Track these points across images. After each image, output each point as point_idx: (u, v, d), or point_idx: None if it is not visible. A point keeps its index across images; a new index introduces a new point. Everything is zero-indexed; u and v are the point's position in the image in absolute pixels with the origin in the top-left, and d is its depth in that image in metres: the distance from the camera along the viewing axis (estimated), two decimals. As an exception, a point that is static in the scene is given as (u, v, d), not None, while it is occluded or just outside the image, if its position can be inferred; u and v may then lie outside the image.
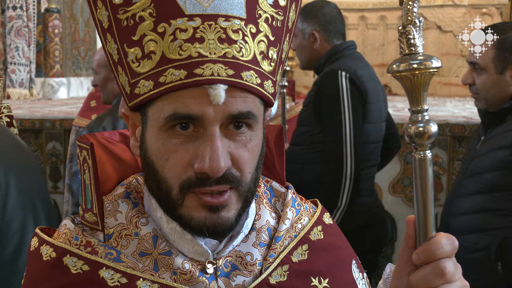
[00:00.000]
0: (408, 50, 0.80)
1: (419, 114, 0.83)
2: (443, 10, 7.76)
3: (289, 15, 0.88)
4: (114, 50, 0.84)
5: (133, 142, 0.91)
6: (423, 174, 0.84)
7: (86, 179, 0.92)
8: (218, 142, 0.79)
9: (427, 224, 0.85)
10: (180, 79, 0.78)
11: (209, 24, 0.78)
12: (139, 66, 0.81)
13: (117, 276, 0.83)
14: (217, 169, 0.79)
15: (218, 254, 0.89)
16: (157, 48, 0.79)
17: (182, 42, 0.78)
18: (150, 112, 0.83)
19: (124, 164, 0.97)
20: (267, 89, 0.84)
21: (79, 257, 0.84)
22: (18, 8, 6.30)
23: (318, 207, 1.05)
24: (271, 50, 0.85)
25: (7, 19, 6.19)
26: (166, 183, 0.83)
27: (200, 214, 0.83)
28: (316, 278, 0.92)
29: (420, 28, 0.80)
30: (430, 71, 0.80)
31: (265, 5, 0.83)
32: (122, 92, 0.87)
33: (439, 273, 0.81)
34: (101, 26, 0.85)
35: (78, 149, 0.93)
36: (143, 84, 0.81)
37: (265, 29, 0.83)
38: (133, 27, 0.80)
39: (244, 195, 0.85)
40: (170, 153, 0.81)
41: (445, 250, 0.83)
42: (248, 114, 0.81)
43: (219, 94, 0.78)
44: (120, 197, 0.91)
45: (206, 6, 0.79)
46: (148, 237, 0.87)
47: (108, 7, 0.82)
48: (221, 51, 0.78)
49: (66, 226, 0.90)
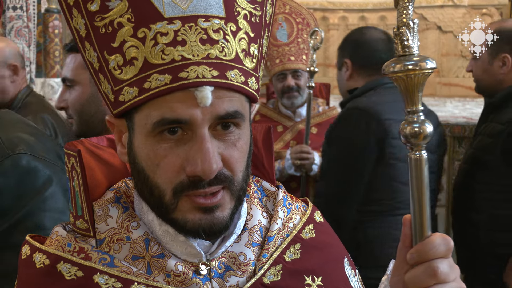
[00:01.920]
0: (402, 52, 0.81)
1: (415, 114, 0.83)
2: (443, 10, 7.74)
3: (266, 10, 0.88)
4: (94, 58, 0.83)
5: (120, 148, 0.91)
6: (419, 174, 0.85)
7: (76, 186, 0.91)
8: (208, 144, 0.79)
9: (422, 224, 0.85)
10: (165, 84, 0.78)
11: (189, 26, 0.78)
12: (122, 73, 0.80)
13: (111, 281, 0.83)
14: (210, 171, 0.79)
15: (211, 255, 0.89)
16: (138, 54, 0.78)
17: (164, 46, 0.78)
18: (137, 119, 0.82)
19: (113, 169, 0.97)
20: (251, 86, 0.85)
21: (73, 263, 0.84)
22: (18, 8, 6.30)
23: (309, 205, 1.05)
24: (252, 47, 0.85)
25: (7, 20, 6.19)
26: (158, 188, 0.83)
27: (194, 217, 0.83)
28: (309, 277, 0.93)
29: (414, 29, 0.81)
30: (424, 72, 0.80)
31: (242, 2, 0.83)
32: (106, 100, 0.86)
33: (431, 273, 0.82)
34: (78, 34, 0.84)
35: (66, 156, 0.93)
36: (127, 91, 0.81)
37: (245, 26, 0.83)
38: (112, 34, 0.80)
39: (236, 194, 0.85)
40: (160, 158, 0.81)
41: (438, 250, 0.83)
42: (235, 114, 0.82)
43: (205, 96, 0.78)
44: (110, 202, 0.91)
45: (185, 8, 0.78)
46: (140, 240, 0.87)
47: (84, 15, 0.81)
48: (204, 53, 0.78)
49: (58, 233, 0.90)
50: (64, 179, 1.44)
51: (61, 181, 1.43)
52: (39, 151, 1.44)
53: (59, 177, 1.43)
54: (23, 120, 1.62)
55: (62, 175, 1.44)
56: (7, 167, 1.37)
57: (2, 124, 1.50)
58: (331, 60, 7.78)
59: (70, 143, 0.94)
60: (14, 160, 1.38)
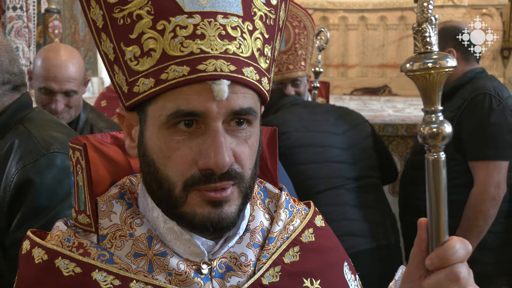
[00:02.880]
0: (424, 48, 0.79)
1: (433, 114, 0.81)
2: (443, 10, 7.74)
3: (279, 14, 0.89)
4: (110, 49, 0.83)
5: (128, 142, 0.90)
6: (437, 176, 0.83)
7: (79, 181, 0.91)
8: (222, 138, 0.79)
9: (440, 227, 0.83)
10: (183, 75, 0.78)
11: (208, 21, 0.79)
12: (138, 64, 0.80)
13: (110, 278, 0.82)
14: (223, 164, 0.79)
15: (213, 255, 0.89)
16: (157, 45, 0.79)
17: (183, 39, 0.78)
18: (150, 110, 0.82)
19: (116, 166, 0.97)
20: (264, 86, 0.85)
21: (71, 259, 0.83)
22: (18, 8, 6.28)
23: (310, 209, 1.05)
24: (266, 48, 0.85)
25: (7, 20, 6.17)
26: (169, 181, 0.82)
27: (203, 210, 0.82)
28: (308, 279, 0.93)
29: (435, 25, 0.79)
30: (445, 70, 0.78)
31: (259, 3, 0.84)
32: (119, 92, 0.86)
33: (454, 279, 0.81)
34: (95, 25, 0.84)
35: (71, 150, 0.93)
36: (142, 82, 0.81)
37: (260, 26, 0.84)
38: (130, 26, 0.80)
39: (244, 191, 0.85)
40: (172, 150, 0.81)
41: (459, 255, 0.82)
42: (249, 110, 0.82)
43: (222, 89, 0.78)
44: (114, 198, 0.90)
45: (205, 4, 0.79)
46: (143, 237, 0.86)
47: (103, 6, 0.82)
48: (222, 47, 0.79)
49: (59, 228, 0.90)
50: None
51: None
52: None
53: None
54: (56, 120, 1.64)
55: None
56: (43, 166, 1.39)
57: (36, 124, 1.52)
58: (331, 60, 7.78)
59: (75, 137, 0.94)
60: (49, 159, 1.41)
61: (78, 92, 2.46)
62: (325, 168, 2.54)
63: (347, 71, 7.97)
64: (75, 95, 2.44)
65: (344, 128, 2.64)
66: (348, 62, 7.94)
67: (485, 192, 2.52)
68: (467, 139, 2.55)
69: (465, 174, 2.58)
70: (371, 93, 7.58)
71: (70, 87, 2.41)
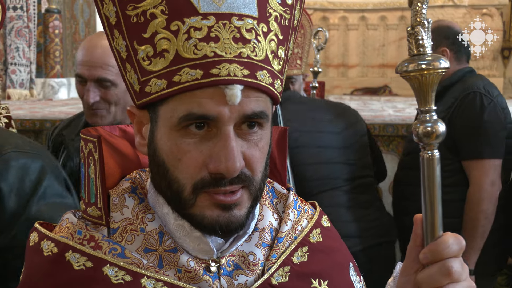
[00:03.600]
0: (417, 51, 0.81)
1: (427, 114, 0.83)
2: (443, 10, 7.75)
3: (295, 14, 0.88)
4: (123, 46, 0.83)
5: (139, 140, 0.90)
6: (431, 173, 0.85)
7: (91, 173, 0.90)
8: (233, 142, 0.79)
9: (434, 223, 0.85)
10: (196, 79, 0.77)
11: (223, 23, 0.78)
12: (151, 64, 0.80)
13: (121, 273, 0.82)
14: (233, 169, 0.78)
15: (222, 253, 0.89)
16: (170, 46, 0.78)
17: (197, 41, 0.77)
18: (162, 111, 0.82)
19: (126, 159, 0.96)
20: (277, 88, 0.84)
21: (82, 253, 0.83)
22: (18, 8, 6.30)
23: (316, 209, 1.05)
24: (280, 49, 0.84)
25: (7, 20, 6.18)
26: (178, 183, 0.82)
27: (213, 213, 0.82)
28: (316, 280, 0.93)
29: (428, 29, 0.81)
30: (438, 71, 0.81)
31: (274, 4, 0.83)
32: (130, 90, 0.86)
33: (446, 273, 0.82)
34: (107, 22, 0.83)
35: (83, 141, 0.92)
36: (155, 83, 0.80)
37: (275, 28, 0.83)
38: (143, 24, 0.79)
39: (254, 194, 0.85)
40: (183, 153, 0.80)
41: (452, 249, 0.83)
42: (261, 114, 0.81)
43: (235, 94, 0.77)
44: (127, 192, 0.90)
45: (220, 5, 0.78)
46: (154, 233, 0.86)
47: (116, 3, 0.81)
48: (236, 51, 0.78)
49: (69, 220, 0.89)
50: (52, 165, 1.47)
51: (51, 167, 1.44)
52: (24, 146, 1.43)
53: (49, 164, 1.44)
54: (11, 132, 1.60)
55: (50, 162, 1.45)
56: (1, 170, 1.36)
57: None
58: (332, 60, 7.80)
59: (86, 129, 0.93)
60: (4, 161, 1.36)
61: (117, 84, 1.94)
62: (323, 169, 2.54)
63: (347, 71, 7.99)
64: (113, 87, 1.95)
65: (341, 127, 2.64)
66: (348, 62, 7.96)
67: (482, 190, 2.50)
68: (460, 138, 2.53)
69: (458, 173, 2.56)
70: (371, 93, 7.61)
71: (103, 74, 1.92)
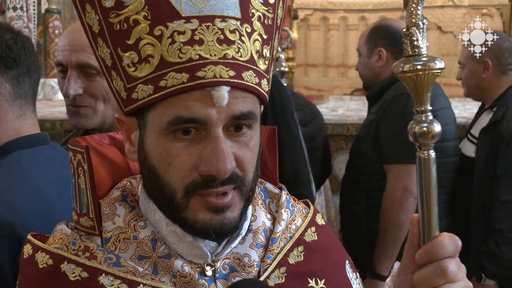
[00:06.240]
0: (412, 52, 0.82)
1: (423, 114, 0.84)
2: (444, 10, 7.76)
3: (277, 12, 0.88)
4: (107, 54, 0.83)
5: (128, 147, 0.90)
6: (427, 173, 0.85)
7: (81, 183, 0.90)
8: (223, 144, 0.79)
9: (430, 223, 0.86)
10: (182, 83, 0.77)
11: (206, 26, 0.78)
12: (136, 71, 0.80)
13: (117, 282, 0.82)
14: (225, 171, 0.79)
15: (216, 257, 0.89)
16: (155, 51, 0.78)
17: (181, 45, 0.77)
18: (150, 117, 0.82)
19: (116, 167, 0.96)
20: (264, 88, 0.85)
21: (77, 263, 0.82)
22: (18, 8, 6.30)
23: (310, 208, 1.05)
24: (265, 49, 0.85)
25: (7, 20, 6.19)
26: (170, 187, 0.82)
27: (205, 217, 0.82)
28: (313, 279, 0.93)
29: (423, 30, 0.81)
30: (433, 72, 0.81)
31: (256, 4, 0.83)
32: (117, 98, 0.85)
33: (441, 273, 0.82)
34: (91, 30, 0.83)
35: (71, 152, 0.92)
36: (141, 89, 0.80)
37: (259, 27, 0.83)
38: (127, 31, 0.79)
39: (246, 194, 0.85)
40: (173, 157, 0.80)
41: (447, 250, 0.84)
42: (249, 114, 0.81)
43: (222, 96, 0.78)
44: (117, 200, 0.90)
45: (202, 8, 0.78)
46: (147, 240, 0.86)
47: (98, 11, 0.81)
48: (221, 53, 0.78)
49: (62, 231, 0.89)
50: None
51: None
52: None
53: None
54: None
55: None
56: None
57: None
58: (332, 60, 7.81)
59: (74, 139, 0.93)
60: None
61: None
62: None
63: (347, 71, 8.00)
64: (99, 77, 1.57)
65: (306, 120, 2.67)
66: (348, 62, 7.97)
67: (393, 196, 2.40)
68: (382, 141, 2.46)
69: (385, 178, 2.47)
70: (371, 93, 7.60)
71: (85, 59, 1.56)
